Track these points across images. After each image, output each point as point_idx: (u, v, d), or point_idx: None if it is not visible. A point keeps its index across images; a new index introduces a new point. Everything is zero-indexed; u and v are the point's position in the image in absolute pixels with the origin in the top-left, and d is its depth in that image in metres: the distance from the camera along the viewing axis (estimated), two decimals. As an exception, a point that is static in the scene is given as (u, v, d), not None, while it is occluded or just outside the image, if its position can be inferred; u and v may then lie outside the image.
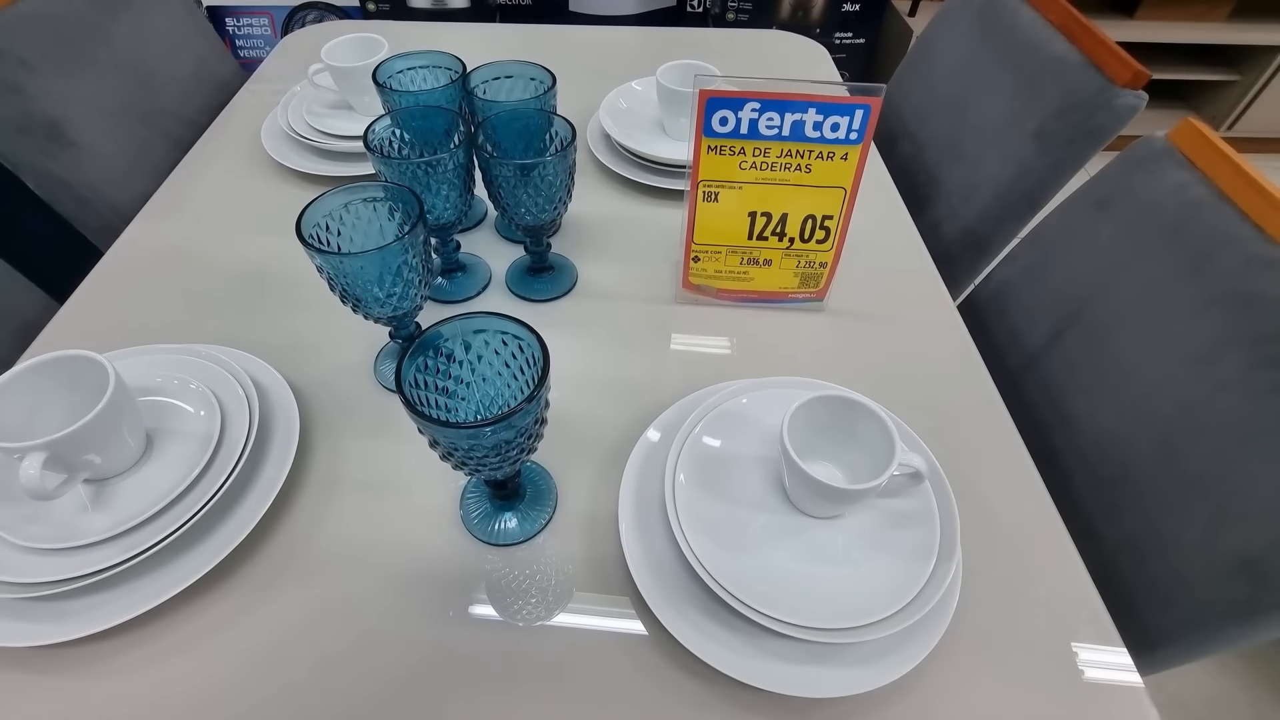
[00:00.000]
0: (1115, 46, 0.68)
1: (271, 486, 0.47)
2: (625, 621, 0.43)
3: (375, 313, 0.49)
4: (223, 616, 0.43)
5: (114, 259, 0.67)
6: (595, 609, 0.44)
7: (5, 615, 0.41)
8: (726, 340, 0.61)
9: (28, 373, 0.43)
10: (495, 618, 0.43)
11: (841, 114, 0.51)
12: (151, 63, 0.84)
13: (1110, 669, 0.42)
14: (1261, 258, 0.48)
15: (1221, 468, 0.47)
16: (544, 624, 0.43)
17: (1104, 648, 0.43)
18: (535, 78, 0.62)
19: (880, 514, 0.45)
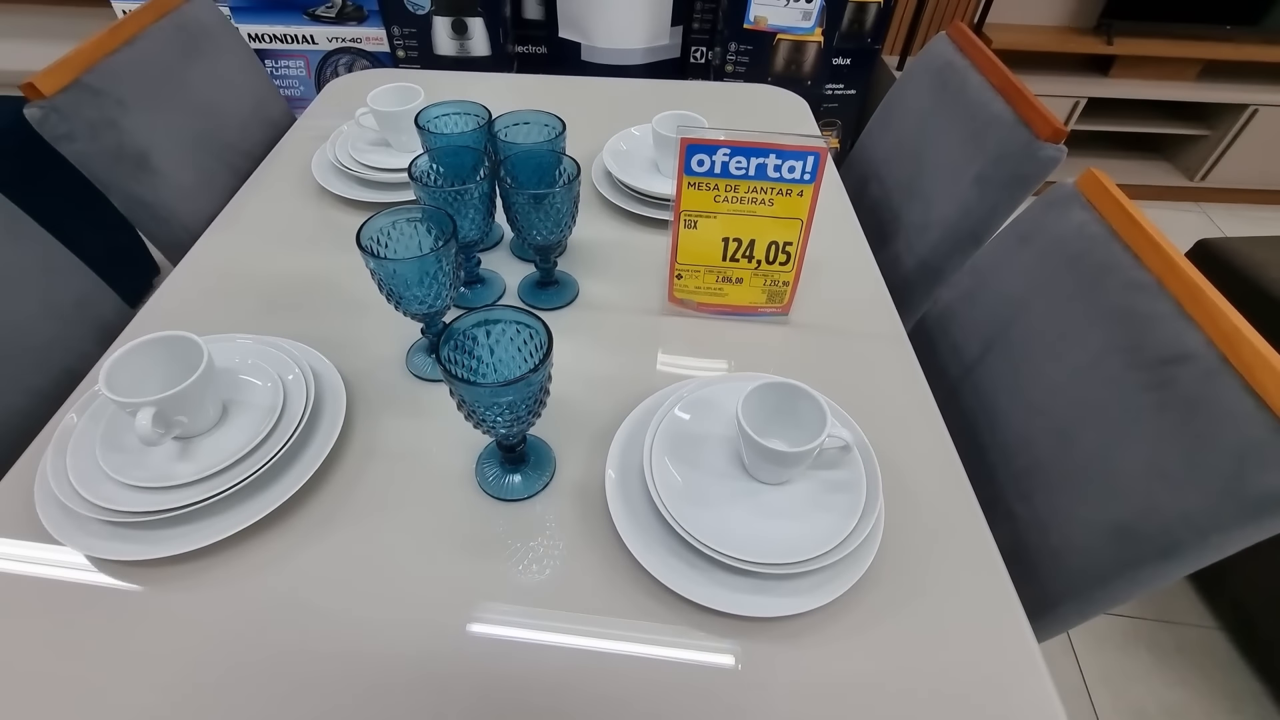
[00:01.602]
0: (1042, 107, 0.80)
1: (322, 450, 0.57)
2: (608, 558, 0.53)
3: (412, 310, 0.60)
4: (280, 549, 0.53)
5: (186, 268, 0.79)
6: (583, 551, 0.54)
7: (113, 537, 0.51)
8: (704, 345, 0.72)
9: (138, 347, 0.54)
10: (503, 555, 0.53)
11: (796, 159, 0.63)
12: (218, 103, 0.98)
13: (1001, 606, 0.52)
14: (1137, 281, 0.59)
15: (1103, 452, 0.57)
16: (542, 561, 0.53)
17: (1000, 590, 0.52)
18: (548, 124, 0.74)
19: (819, 482, 0.55)
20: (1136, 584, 0.54)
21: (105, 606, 0.50)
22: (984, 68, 0.91)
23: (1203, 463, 0.49)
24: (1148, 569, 0.52)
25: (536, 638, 0.49)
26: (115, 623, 0.49)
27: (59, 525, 0.51)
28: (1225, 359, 0.51)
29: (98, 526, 0.52)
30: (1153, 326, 0.56)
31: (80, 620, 0.49)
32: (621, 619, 0.50)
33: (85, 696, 0.45)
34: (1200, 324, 0.53)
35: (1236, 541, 0.48)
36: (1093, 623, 1.29)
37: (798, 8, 1.72)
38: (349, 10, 2.03)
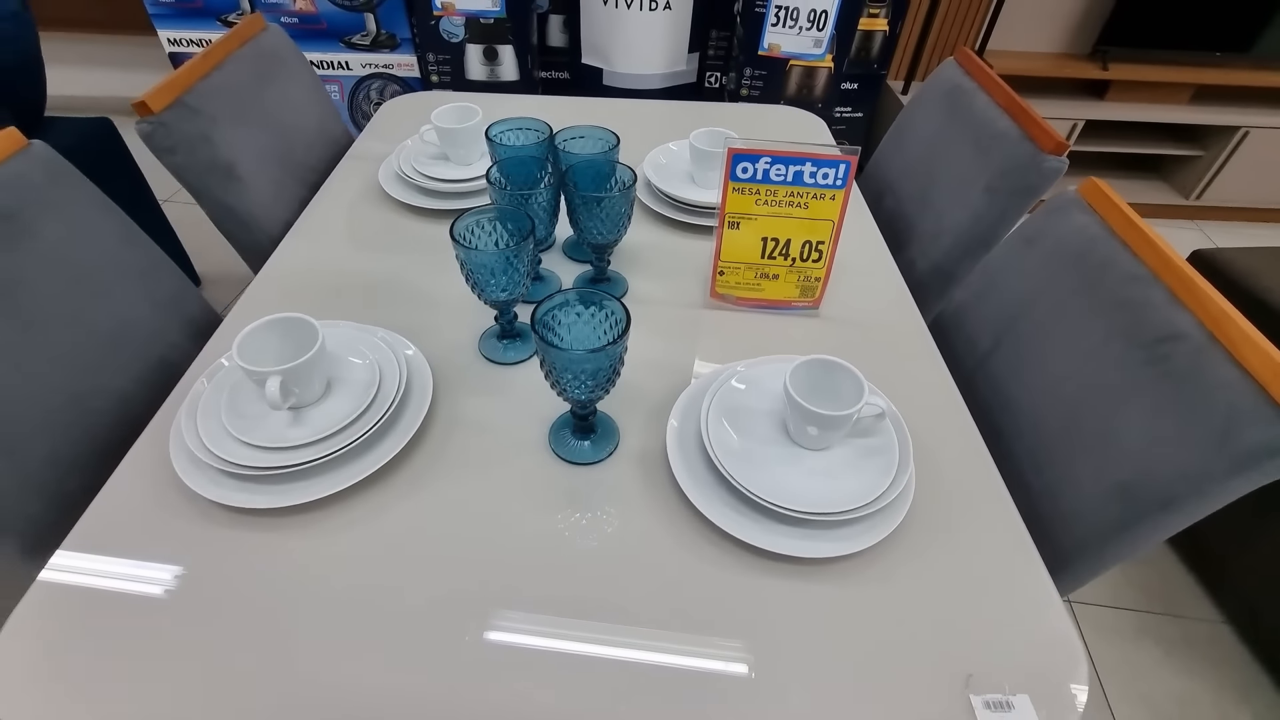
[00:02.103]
0: (1045, 123, 0.88)
1: (415, 419, 0.65)
2: (670, 511, 0.60)
3: (492, 297, 0.68)
4: (382, 503, 0.60)
5: (271, 269, 0.87)
6: (647, 505, 0.61)
7: (238, 489, 0.59)
8: (743, 335, 0.79)
9: (262, 326, 0.62)
10: (577, 508, 0.60)
11: (830, 166, 0.71)
12: (289, 121, 1.07)
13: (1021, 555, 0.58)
14: (1133, 274, 0.67)
15: (1106, 423, 0.64)
16: (610, 513, 0.60)
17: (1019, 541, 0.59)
18: (602, 137, 0.83)
19: (856, 448, 0.63)
20: (1140, 537, 0.61)
21: (228, 546, 0.57)
22: (990, 89, 1.00)
23: (1195, 426, 0.57)
24: (1149, 522, 0.59)
25: (609, 573, 0.56)
26: (237, 561, 0.56)
27: (191, 476, 0.59)
28: (1213, 336, 0.58)
29: (223, 478, 0.59)
30: (1148, 312, 0.64)
31: (207, 558, 0.56)
32: (682, 557, 0.57)
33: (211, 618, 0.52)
34: (1190, 307, 0.61)
35: (1227, 492, 0.55)
36: (1103, 616, 1.34)
37: (809, 36, 1.82)
38: (382, 38, 2.15)
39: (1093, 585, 1.38)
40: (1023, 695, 0.50)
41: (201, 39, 2.24)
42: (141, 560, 0.56)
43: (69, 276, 0.75)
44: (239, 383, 0.65)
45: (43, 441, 0.68)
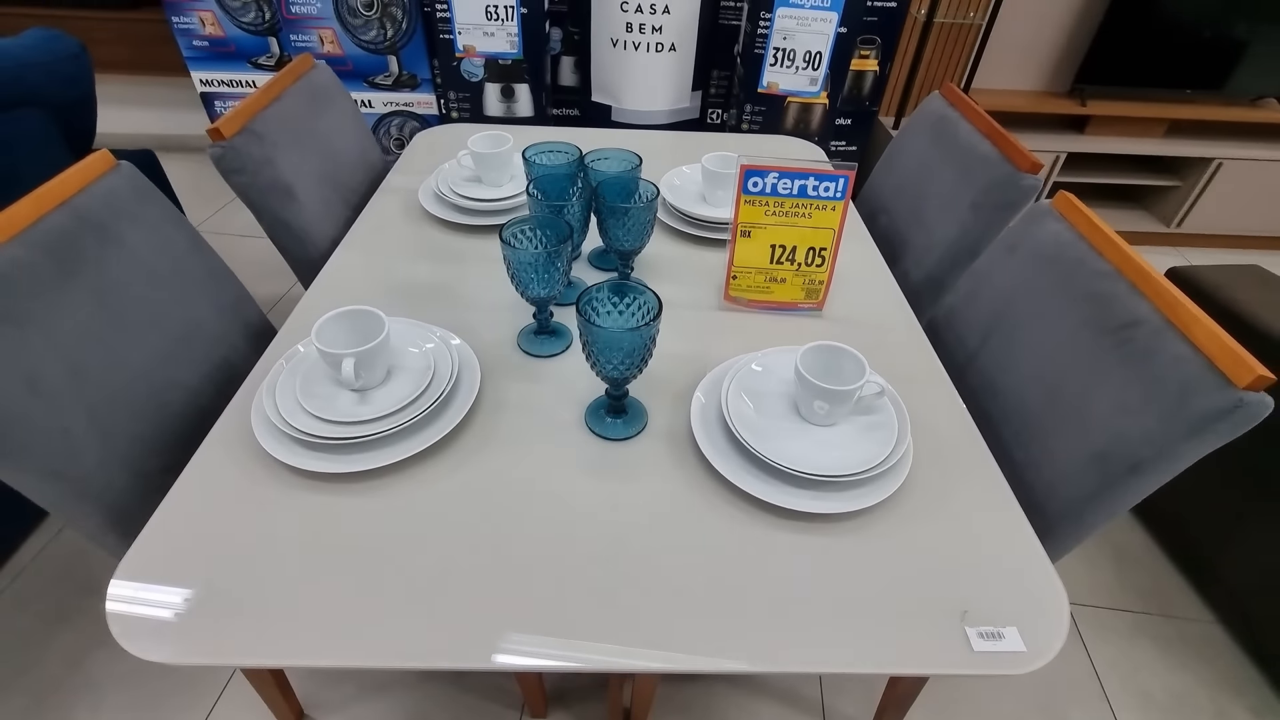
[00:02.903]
0: (1021, 146, 0.98)
1: (467, 400, 0.73)
2: (694, 479, 0.68)
3: (531, 293, 0.76)
4: (438, 473, 0.68)
5: (324, 278, 0.96)
6: (674, 473, 0.68)
7: (313, 457, 0.66)
8: (754, 333, 0.88)
9: (335, 316, 0.70)
10: (612, 477, 0.68)
11: (831, 180, 0.81)
12: (337, 148, 1.18)
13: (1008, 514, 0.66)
14: (1100, 271, 0.76)
15: (1080, 401, 0.72)
16: (642, 481, 0.68)
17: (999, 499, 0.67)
18: (625, 159, 0.92)
19: (859, 424, 0.71)
20: (1114, 500, 0.68)
21: (301, 507, 0.64)
22: (972, 118, 1.11)
23: (1155, 397, 0.65)
24: (1121, 486, 0.67)
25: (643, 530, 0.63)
26: (309, 519, 0.63)
27: (271, 445, 0.66)
28: (1168, 320, 0.67)
29: (298, 448, 0.67)
30: (1113, 303, 0.72)
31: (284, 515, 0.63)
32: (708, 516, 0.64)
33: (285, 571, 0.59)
34: (1148, 297, 0.70)
35: (1186, 454, 0.63)
36: (1100, 617, 1.39)
37: (805, 75, 1.96)
38: (404, 78, 2.29)
39: (1090, 588, 1.44)
40: (1011, 627, 0.57)
41: (231, 79, 2.38)
42: (230, 515, 0.63)
43: (149, 280, 0.83)
44: (311, 368, 0.73)
45: (129, 421, 0.76)
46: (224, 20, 2.25)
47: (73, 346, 0.72)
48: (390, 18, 2.14)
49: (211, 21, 2.26)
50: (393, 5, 2.12)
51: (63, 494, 0.69)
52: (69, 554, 1.35)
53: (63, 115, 1.49)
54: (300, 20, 2.14)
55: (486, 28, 1.88)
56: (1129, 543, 1.53)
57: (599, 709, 1.16)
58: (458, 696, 1.18)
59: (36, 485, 0.68)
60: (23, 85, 1.39)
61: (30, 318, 0.69)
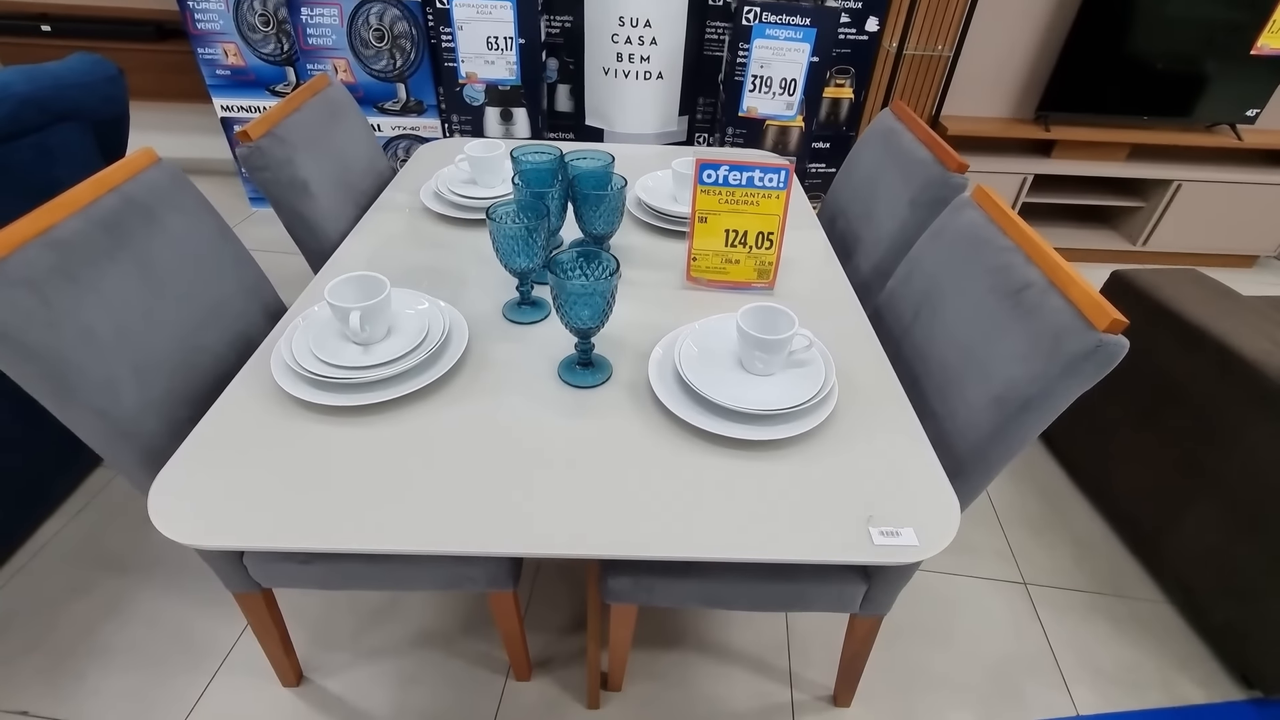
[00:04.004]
0: (949, 149, 1.12)
1: (456, 353, 0.84)
2: (649, 416, 0.79)
3: (513, 265, 0.88)
4: (430, 410, 0.79)
5: (333, 264, 1.08)
6: (634, 414, 0.80)
7: (322, 394, 0.78)
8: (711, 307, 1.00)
9: (345, 280, 0.82)
10: (580, 417, 0.79)
11: (774, 172, 0.94)
12: (348, 154, 1.32)
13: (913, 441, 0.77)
14: (1003, 247, 0.88)
15: (984, 354, 0.84)
16: (606, 419, 0.79)
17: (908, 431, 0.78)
18: (600, 158, 1.06)
19: (793, 375, 0.82)
20: (1011, 436, 0.79)
21: (313, 435, 0.75)
22: (914, 129, 1.25)
23: (1038, 343, 0.76)
24: (1015, 423, 0.77)
25: (606, 457, 0.74)
26: (322, 444, 0.74)
27: (287, 382, 0.78)
28: (1051, 282, 0.79)
29: (309, 387, 0.78)
30: (1012, 271, 0.84)
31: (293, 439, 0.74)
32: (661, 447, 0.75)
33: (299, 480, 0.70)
34: (1037, 264, 0.82)
35: (1063, 390, 0.74)
36: (1056, 597, 1.48)
37: (782, 100, 2.12)
38: (411, 104, 2.46)
39: (1049, 571, 1.52)
40: (908, 528, 0.67)
41: (250, 105, 2.56)
42: (250, 439, 0.74)
43: (183, 258, 0.96)
44: (322, 327, 0.85)
45: (162, 375, 0.87)
46: (245, 51, 2.44)
47: (119, 308, 0.84)
48: (400, 49, 2.32)
49: (234, 52, 2.44)
50: (402, 38, 2.30)
51: (106, 432, 0.81)
52: (84, 534, 1.45)
53: (100, 130, 1.64)
54: (316, 50, 2.32)
55: (487, 56, 2.05)
56: (1088, 531, 1.62)
57: (579, 673, 1.25)
58: (446, 661, 1.27)
59: (85, 421, 0.79)
60: (66, 102, 1.54)
61: (86, 279, 0.81)
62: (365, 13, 2.25)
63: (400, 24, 2.27)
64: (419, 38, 2.30)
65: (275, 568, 0.91)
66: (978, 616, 1.41)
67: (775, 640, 1.32)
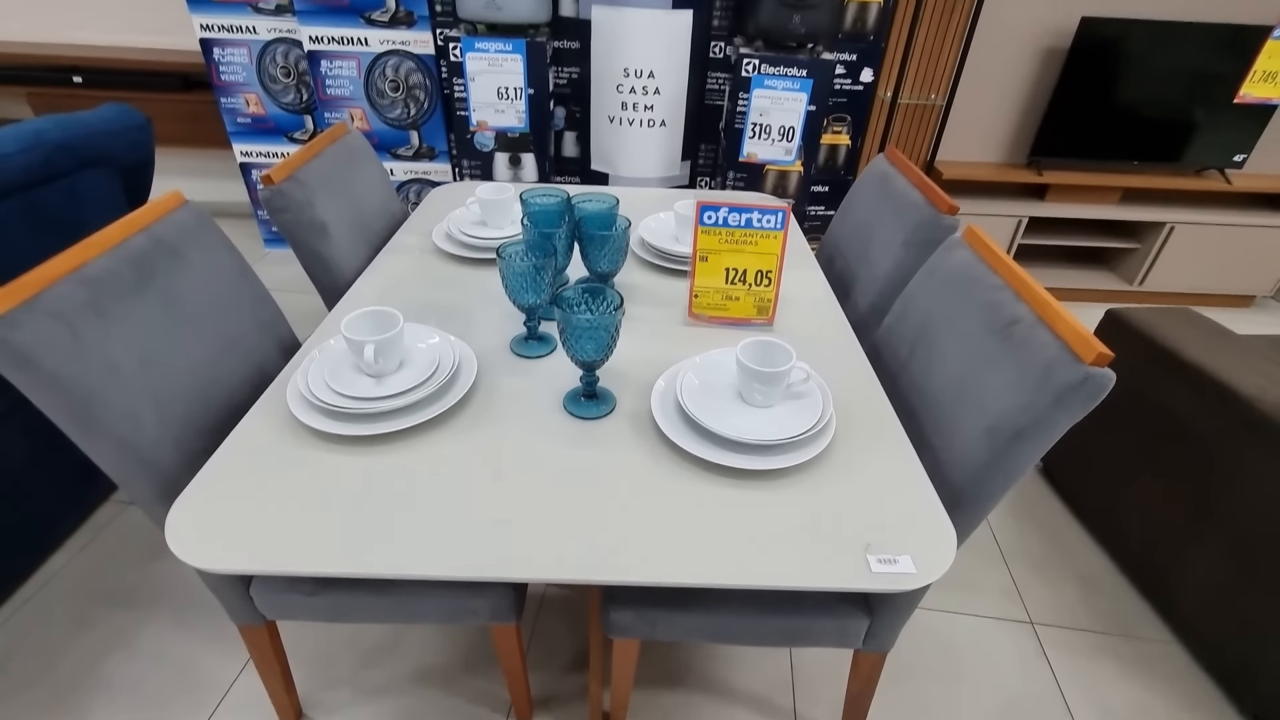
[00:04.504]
0: (940, 192, 1.16)
1: (464, 385, 0.87)
2: (651, 446, 0.81)
3: (521, 300, 0.92)
4: (439, 441, 0.82)
5: (347, 301, 1.12)
6: (636, 444, 0.82)
7: (335, 423, 0.80)
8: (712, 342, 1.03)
9: (360, 314, 0.86)
10: (586, 446, 0.81)
11: (771, 214, 0.98)
12: (364, 197, 1.37)
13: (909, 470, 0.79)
14: (993, 284, 0.91)
15: (978, 387, 0.86)
16: (611, 451, 0.81)
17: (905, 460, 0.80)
18: (605, 200, 1.10)
19: (791, 407, 0.84)
20: (1005, 467, 0.80)
21: (325, 463, 0.78)
22: (906, 173, 1.30)
23: (1028, 375, 0.79)
24: (1007, 453, 0.79)
25: (609, 486, 0.76)
26: (334, 472, 0.76)
27: (302, 412, 0.81)
28: (1040, 317, 0.82)
29: (323, 416, 0.81)
30: (1000, 307, 0.87)
31: (307, 467, 0.77)
32: (663, 476, 0.77)
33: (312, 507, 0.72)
34: (1026, 300, 0.85)
35: (1054, 421, 0.76)
36: (1063, 637, 1.46)
37: (780, 146, 2.19)
38: (423, 150, 2.55)
39: (1052, 608, 1.51)
40: (905, 556, 0.68)
41: (268, 151, 2.66)
42: (264, 467, 0.77)
43: (204, 293, 1.00)
44: (337, 360, 0.88)
45: (181, 407, 0.90)
46: (266, 101, 2.55)
47: (143, 340, 0.88)
48: (414, 98, 2.42)
49: (255, 102, 2.55)
50: (417, 88, 2.40)
51: (126, 461, 0.83)
52: (90, 569, 1.46)
53: (127, 175, 1.72)
54: (334, 100, 2.43)
55: (498, 105, 2.14)
56: (1093, 568, 1.61)
57: (580, 712, 1.24)
58: (447, 699, 1.26)
59: (108, 451, 0.81)
60: (96, 149, 1.62)
61: (113, 314, 0.85)
62: (382, 65, 2.35)
63: (415, 75, 2.38)
64: (433, 88, 2.41)
65: (281, 598, 0.92)
66: (984, 656, 1.40)
67: (779, 678, 1.31)
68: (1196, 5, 2.45)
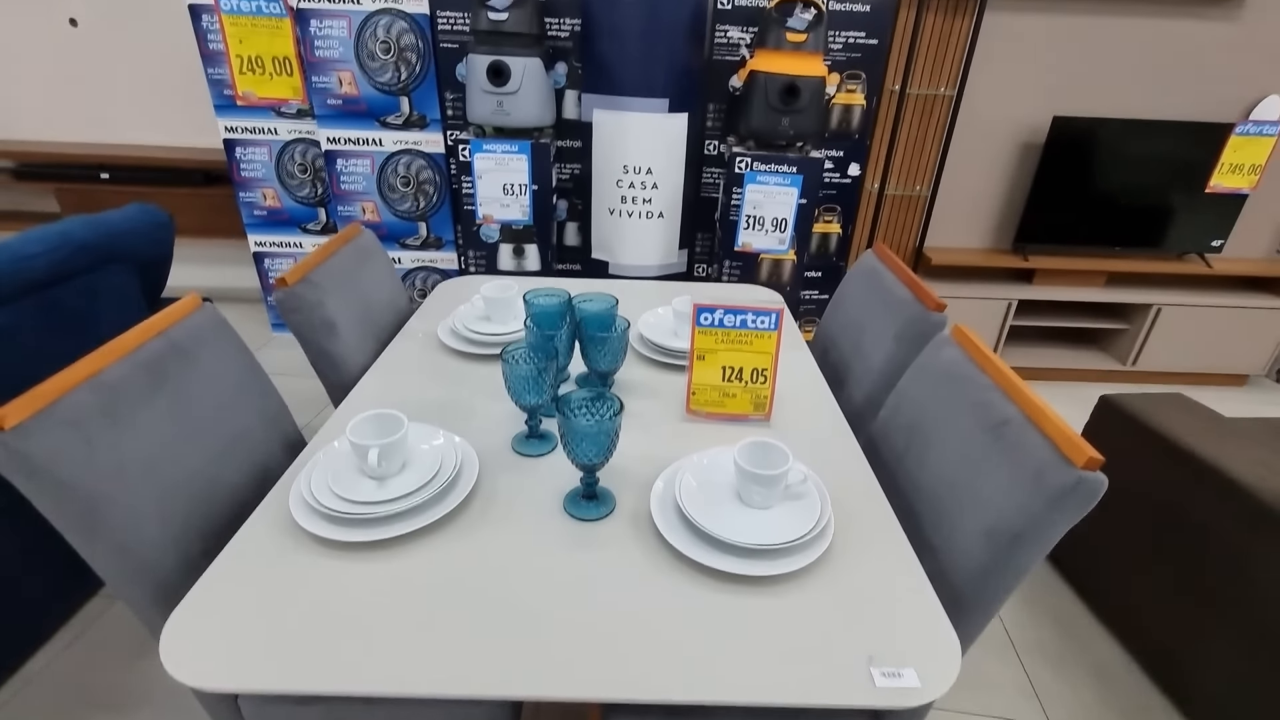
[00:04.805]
0: (929, 290, 1.21)
1: (465, 488, 0.88)
2: (651, 550, 0.81)
3: (523, 401, 0.94)
4: (440, 545, 0.82)
5: (354, 397, 1.15)
6: (633, 547, 0.82)
7: (339, 528, 0.81)
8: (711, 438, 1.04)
9: (365, 418, 0.88)
10: (587, 548, 0.81)
11: (765, 315, 1.02)
12: (372, 294, 1.42)
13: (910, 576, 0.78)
14: (982, 384, 0.94)
15: (974, 486, 0.87)
16: (610, 551, 0.81)
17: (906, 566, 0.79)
18: (606, 300, 1.15)
19: (791, 506, 0.85)
20: (1005, 569, 0.80)
21: (324, 571, 0.78)
22: (894, 269, 1.35)
23: (1022, 478, 0.80)
24: (1006, 556, 0.79)
25: (609, 592, 0.76)
26: (330, 580, 0.76)
27: (304, 518, 0.81)
28: (1029, 419, 0.84)
29: (325, 522, 0.81)
30: (990, 407, 0.90)
31: (306, 575, 0.76)
32: (661, 581, 0.77)
33: (309, 622, 0.72)
34: (1015, 401, 0.87)
35: (1051, 524, 0.76)
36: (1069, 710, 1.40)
37: (774, 236, 2.28)
38: (431, 240, 2.65)
39: (1070, 706, 1.45)
40: (909, 669, 0.67)
41: (281, 241, 2.76)
42: (263, 577, 0.77)
43: (213, 393, 1.03)
44: (340, 462, 0.89)
45: (182, 506, 0.91)
46: (282, 195, 2.67)
47: (151, 442, 0.89)
48: (424, 193, 2.54)
49: (272, 196, 2.67)
50: (427, 183, 2.53)
51: (125, 567, 0.83)
52: (74, 669, 1.42)
53: (145, 271, 1.78)
54: (348, 194, 2.55)
55: (503, 200, 2.24)
56: (1109, 661, 1.56)
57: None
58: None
59: (106, 556, 0.82)
60: (118, 247, 1.69)
61: (125, 418, 0.87)
62: (394, 163, 2.49)
63: (425, 172, 2.51)
64: (442, 183, 2.53)
65: (271, 709, 0.90)
66: (1003, 763, 1.33)
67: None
68: (1161, 104, 2.61)
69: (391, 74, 2.35)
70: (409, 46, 2.31)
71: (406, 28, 2.28)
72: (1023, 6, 2.45)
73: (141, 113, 2.86)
